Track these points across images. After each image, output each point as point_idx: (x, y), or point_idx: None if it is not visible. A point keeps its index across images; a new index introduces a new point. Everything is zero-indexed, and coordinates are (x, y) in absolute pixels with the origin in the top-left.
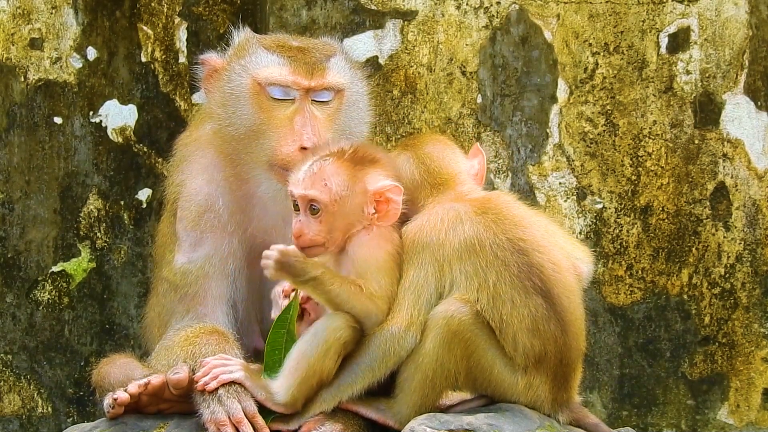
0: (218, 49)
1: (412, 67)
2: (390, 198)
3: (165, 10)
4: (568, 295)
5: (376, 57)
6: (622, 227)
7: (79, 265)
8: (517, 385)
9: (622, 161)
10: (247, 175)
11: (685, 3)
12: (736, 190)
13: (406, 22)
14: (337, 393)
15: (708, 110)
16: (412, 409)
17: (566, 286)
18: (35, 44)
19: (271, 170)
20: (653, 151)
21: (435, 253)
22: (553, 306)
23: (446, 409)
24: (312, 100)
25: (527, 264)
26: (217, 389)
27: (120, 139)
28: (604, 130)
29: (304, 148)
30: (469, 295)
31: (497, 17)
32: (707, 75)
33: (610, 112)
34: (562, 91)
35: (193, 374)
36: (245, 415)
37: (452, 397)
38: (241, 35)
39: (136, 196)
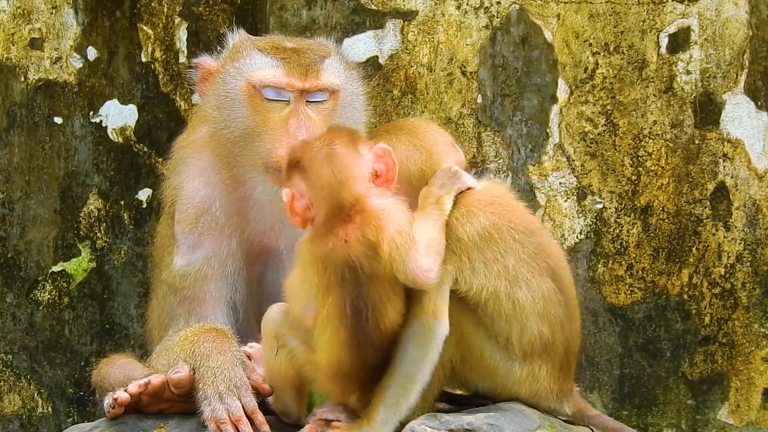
0: (218, 49)
1: (412, 67)
2: None
3: (165, 10)
4: (570, 281)
5: (377, 57)
6: (622, 227)
7: (79, 265)
8: (515, 375)
9: (622, 161)
10: (243, 178)
11: (686, 3)
12: (736, 190)
13: (406, 22)
14: (397, 409)
15: (708, 110)
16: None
17: (568, 272)
18: (35, 44)
19: (266, 172)
20: (653, 151)
21: (452, 247)
22: (561, 289)
23: (447, 409)
24: (307, 102)
25: (539, 244)
26: (219, 386)
27: (120, 139)
28: (604, 130)
29: None
30: (488, 282)
31: (497, 17)
32: (707, 75)
33: (610, 112)
34: (562, 91)
35: (194, 373)
36: (245, 412)
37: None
38: (236, 37)
39: (136, 196)
